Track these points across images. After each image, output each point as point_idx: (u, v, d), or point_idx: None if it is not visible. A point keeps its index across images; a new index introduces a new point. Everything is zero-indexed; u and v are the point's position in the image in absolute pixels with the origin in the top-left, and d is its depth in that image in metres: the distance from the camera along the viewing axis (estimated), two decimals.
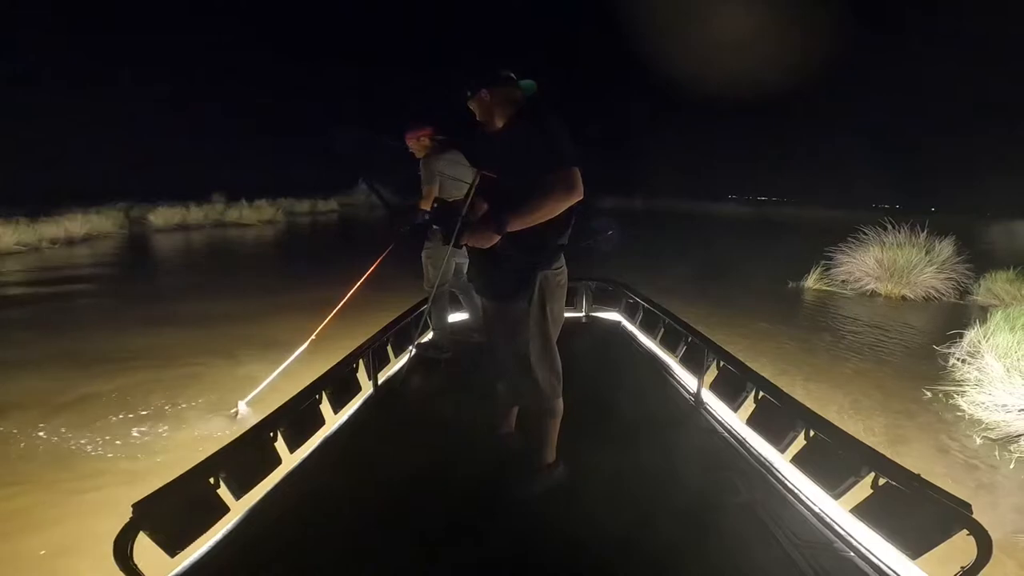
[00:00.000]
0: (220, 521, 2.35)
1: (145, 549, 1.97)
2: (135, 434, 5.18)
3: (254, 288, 12.45)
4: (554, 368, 2.82)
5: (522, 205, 2.46)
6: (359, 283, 5.58)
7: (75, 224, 21.85)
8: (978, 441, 5.47)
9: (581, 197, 2.50)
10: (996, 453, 5.24)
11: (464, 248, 3.33)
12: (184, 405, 5.84)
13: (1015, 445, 5.31)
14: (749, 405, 3.43)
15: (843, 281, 13.68)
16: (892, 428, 5.70)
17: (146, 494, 2.04)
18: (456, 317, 5.55)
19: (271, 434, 2.75)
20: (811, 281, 13.99)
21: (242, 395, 5.76)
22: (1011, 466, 5.01)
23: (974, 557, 1.95)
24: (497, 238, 2.49)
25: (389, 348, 4.47)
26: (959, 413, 6.06)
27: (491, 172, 2.61)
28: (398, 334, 4.62)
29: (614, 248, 2.89)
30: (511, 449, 3.18)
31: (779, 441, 3.06)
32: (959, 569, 1.97)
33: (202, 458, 2.34)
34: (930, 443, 5.42)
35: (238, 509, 2.52)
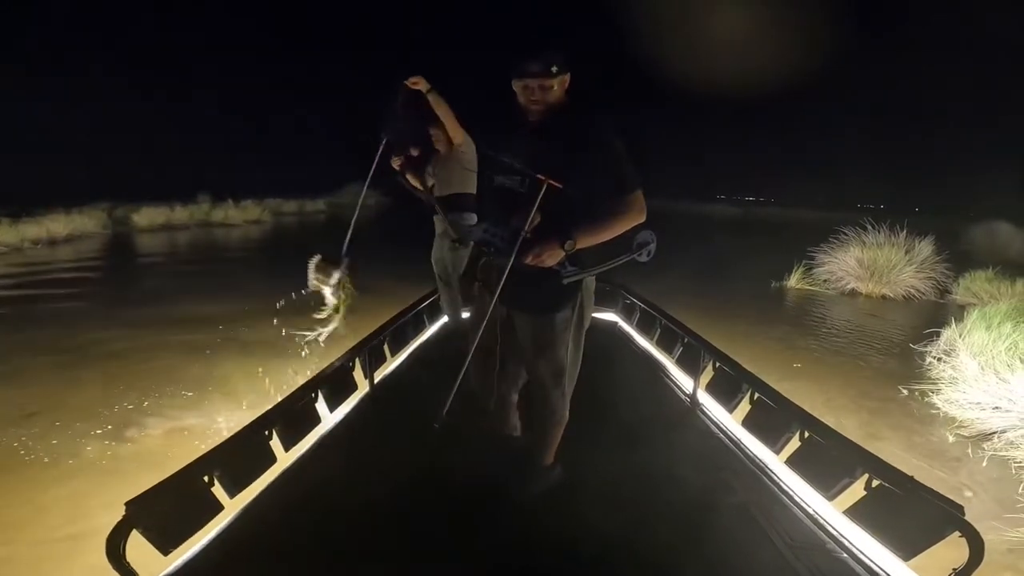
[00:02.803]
0: (214, 520, 2.35)
1: (138, 547, 1.96)
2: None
3: (233, 291, 12.28)
4: (575, 375, 2.79)
5: (592, 224, 2.39)
6: None
7: (58, 224, 21.53)
8: (951, 439, 5.53)
9: (644, 219, 2.45)
10: (969, 451, 5.30)
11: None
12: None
13: (988, 443, 5.36)
14: (744, 406, 3.44)
15: (825, 281, 13.78)
16: (866, 426, 5.75)
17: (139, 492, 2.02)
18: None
19: (266, 432, 2.74)
20: (793, 281, 14.10)
21: (222, 392, 5.75)
22: (983, 464, 5.06)
23: (966, 559, 1.97)
24: (562, 256, 2.37)
25: (386, 347, 4.44)
26: (934, 411, 6.11)
27: (552, 178, 2.32)
28: (395, 333, 4.61)
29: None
30: (509, 449, 3.16)
31: (774, 442, 3.07)
32: (951, 571, 1.98)
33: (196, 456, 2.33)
34: (903, 441, 5.48)
35: (232, 507, 2.52)
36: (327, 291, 3.12)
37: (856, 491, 2.45)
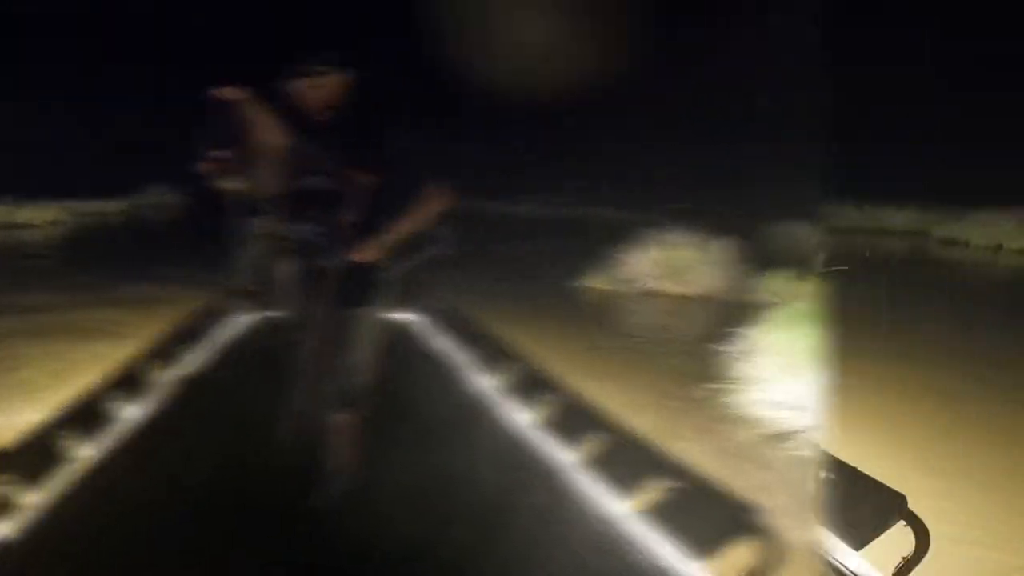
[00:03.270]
0: (9, 520, 2.36)
1: None
2: None
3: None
4: (374, 367, 2.87)
5: (405, 217, 2.56)
6: None
7: None
8: (751, 439, 5.56)
9: (451, 206, 2.67)
10: (769, 450, 5.38)
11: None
12: None
13: (788, 442, 5.40)
14: (544, 406, 3.64)
15: (624, 280, 13.80)
16: (668, 425, 5.51)
17: None
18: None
19: (60, 432, 2.82)
20: (594, 281, 14.03)
21: None
22: (783, 463, 5.11)
23: (761, 560, 2.06)
24: (383, 249, 2.55)
25: (181, 347, 4.54)
26: (735, 411, 6.13)
27: (361, 174, 2.57)
28: (191, 332, 4.80)
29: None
30: (310, 450, 2.96)
31: (574, 443, 3.20)
32: (742, 568, 2.07)
33: None
34: (705, 441, 5.33)
35: (26, 508, 2.50)
36: None
37: (653, 492, 2.58)
